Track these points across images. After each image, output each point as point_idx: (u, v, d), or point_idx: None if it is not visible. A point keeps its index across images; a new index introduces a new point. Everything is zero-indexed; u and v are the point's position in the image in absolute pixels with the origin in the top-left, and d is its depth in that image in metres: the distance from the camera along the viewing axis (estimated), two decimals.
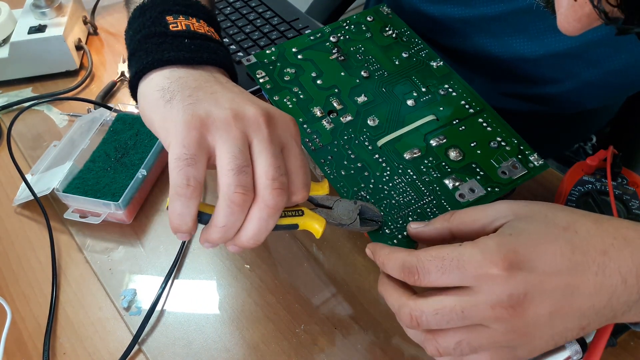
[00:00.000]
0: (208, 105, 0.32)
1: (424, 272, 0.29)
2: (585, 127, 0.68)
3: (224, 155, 0.30)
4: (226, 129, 0.30)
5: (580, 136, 0.73)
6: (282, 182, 0.30)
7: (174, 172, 0.30)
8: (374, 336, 0.38)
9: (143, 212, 0.47)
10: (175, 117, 0.31)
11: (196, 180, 0.30)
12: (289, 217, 0.34)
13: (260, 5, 0.67)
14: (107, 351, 0.39)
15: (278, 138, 0.32)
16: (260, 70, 0.46)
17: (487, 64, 0.56)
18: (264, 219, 0.30)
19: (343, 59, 0.47)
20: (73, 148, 0.49)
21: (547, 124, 0.64)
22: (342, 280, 0.42)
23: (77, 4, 0.64)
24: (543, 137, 0.65)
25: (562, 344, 0.30)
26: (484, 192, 0.38)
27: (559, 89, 0.55)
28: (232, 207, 0.30)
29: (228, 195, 0.29)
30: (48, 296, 0.42)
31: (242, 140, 0.30)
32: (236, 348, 0.38)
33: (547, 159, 0.67)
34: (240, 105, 0.32)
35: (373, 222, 0.36)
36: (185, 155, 0.30)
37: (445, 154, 0.40)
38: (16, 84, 0.61)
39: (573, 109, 0.61)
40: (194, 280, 0.43)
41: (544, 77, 0.54)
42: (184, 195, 0.30)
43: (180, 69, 0.34)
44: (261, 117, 0.31)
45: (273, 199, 0.30)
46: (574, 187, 0.42)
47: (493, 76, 0.58)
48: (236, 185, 0.29)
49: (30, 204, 0.48)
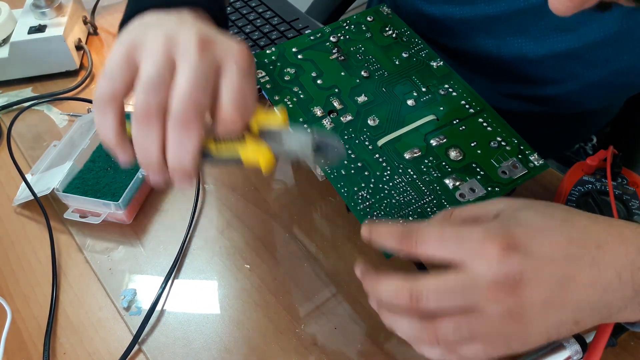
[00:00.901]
0: (148, 32, 0.32)
1: (422, 240, 0.29)
2: (585, 127, 0.68)
3: (141, 74, 0.30)
4: (151, 49, 0.31)
5: (580, 136, 0.72)
6: (196, 97, 0.29)
7: (97, 88, 0.31)
8: (374, 336, 0.38)
9: (143, 212, 0.47)
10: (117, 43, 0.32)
11: (112, 94, 0.30)
12: (227, 143, 0.31)
13: (260, 5, 0.67)
14: (107, 351, 0.39)
15: (210, 61, 0.31)
16: (260, 70, 0.46)
17: (487, 64, 0.56)
18: (176, 137, 0.30)
19: (343, 59, 0.47)
20: (73, 148, 0.49)
21: (547, 124, 0.64)
22: (342, 280, 0.42)
23: (77, 4, 0.64)
24: (543, 137, 0.65)
25: (556, 339, 0.30)
26: (485, 192, 0.38)
27: (560, 90, 0.55)
28: (138, 125, 0.30)
29: (134, 113, 0.30)
30: (48, 296, 0.42)
31: (163, 61, 0.30)
32: (236, 348, 0.38)
33: (547, 159, 0.67)
34: (177, 30, 0.32)
35: (332, 149, 0.32)
36: (107, 73, 0.31)
37: (445, 153, 0.40)
38: (16, 84, 0.61)
39: (574, 109, 0.61)
40: (194, 280, 0.43)
41: (545, 78, 0.54)
42: (98, 108, 0.31)
43: (154, 14, 0.35)
44: (194, 39, 0.31)
45: (181, 113, 0.29)
46: (574, 187, 0.42)
47: (493, 76, 0.57)
48: (142, 102, 0.29)
49: (30, 204, 0.48)
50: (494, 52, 0.54)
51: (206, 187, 0.49)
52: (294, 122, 0.43)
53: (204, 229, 0.46)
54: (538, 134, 0.59)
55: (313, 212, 0.46)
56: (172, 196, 0.48)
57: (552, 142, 0.69)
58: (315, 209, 0.46)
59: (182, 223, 0.46)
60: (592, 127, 0.70)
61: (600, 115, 0.67)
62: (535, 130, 0.57)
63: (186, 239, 0.45)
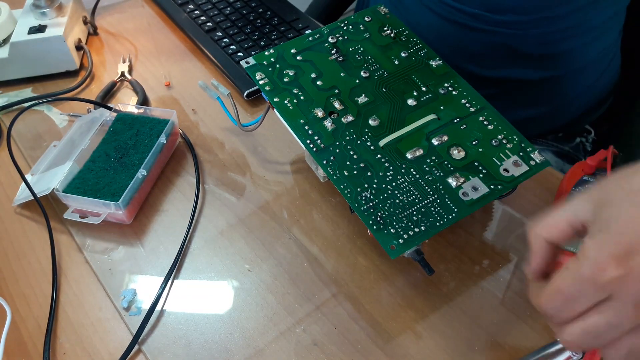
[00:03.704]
0: None
1: (557, 314, 0.28)
2: (579, 100, 0.67)
3: None
4: None
5: (576, 113, 0.71)
6: None
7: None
8: (374, 336, 0.38)
9: (143, 212, 0.47)
10: None
11: None
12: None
13: (260, 5, 0.67)
14: (107, 351, 0.39)
15: None
16: (259, 72, 0.46)
17: None
18: None
19: (342, 60, 0.47)
20: (73, 148, 0.49)
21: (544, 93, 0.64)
22: (342, 280, 0.41)
23: (77, 4, 0.64)
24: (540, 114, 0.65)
25: None
26: (487, 190, 0.38)
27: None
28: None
29: None
30: (48, 296, 0.42)
31: None
32: (236, 348, 0.38)
33: (545, 148, 0.67)
34: None
35: None
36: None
37: (447, 152, 0.40)
38: (16, 84, 0.61)
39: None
40: (194, 280, 0.42)
41: None
42: None
43: None
44: None
45: None
46: (574, 186, 0.42)
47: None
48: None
49: (30, 204, 0.48)
50: None
51: (206, 187, 0.49)
52: (294, 123, 0.43)
53: (204, 229, 0.46)
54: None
55: (313, 212, 0.46)
56: (172, 196, 0.48)
57: (552, 115, 0.68)
58: (315, 209, 0.46)
59: (182, 223, 0.46)
60: (587, 103, 0.69)
61: (595, 89, 0.66)
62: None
63: (186, 239, 0.45)
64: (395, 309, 0.40)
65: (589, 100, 0.68)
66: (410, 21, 0.52)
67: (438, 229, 0.37)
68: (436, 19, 0.61)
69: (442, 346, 0.38)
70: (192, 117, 0.56)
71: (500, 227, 0.45)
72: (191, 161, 0.51)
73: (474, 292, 0.40)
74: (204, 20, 0.65)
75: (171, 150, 0.51)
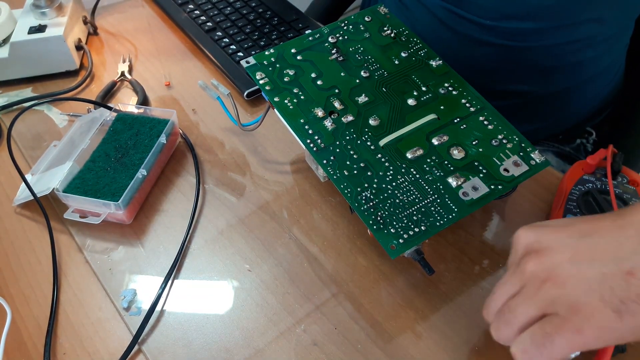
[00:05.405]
0: None
1: (496, 328, 0.32)
2: (580, 101, 0.67)
3: None
4: None
5: (577, 113, 0.71)
6: None
7: None
8: (374, 336, 0.38)
9: (143, 212, 0.47)
10: None
11: None
12: None
13: (260, 5, 0.67)
14: (107, 351, 0.39)
15: None
16: (259, 72, 0.46)
17: None
18: None
19: (342, 60, 0.47)
20: (73, 148, 0.49)
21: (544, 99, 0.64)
22: (342, 280, 0.41)
23: (77, 4, 0.64)
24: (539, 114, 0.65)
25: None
26: (488, 190, 0.38)
27: None
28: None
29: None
30: (48, 296, 0.42)
31: None
32: (236, 348, 0.38)
33: (546, 149, 0.67)
34: None
35: None
36: None
37: (447, 152, 0.40)
38: (16, 84, 0.61)
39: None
40: (194, 280, 0.42)
41: None
42: None
43: None
44: None
45: None
46: (574, 186, 0.42)
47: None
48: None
49: (30, 204, 0.48)
50: None
51: (206, 187, 0.49)
52: (295, 123, 0.43)
53: (204, 229, 0.46)
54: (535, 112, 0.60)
55: (313, 212, 0.46)
56: (172, 196, 0.48)
57: (550, 117, 0.68)
58: (315, 209, 0.46)
59: (182, 223, 0.46)
60: (588, 104, 0.69)
61: (595, 90, 0.66)
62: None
63: (186, 239, 0.45)
64: (395, 309, 0.40)
65: (593, 107, 0.67)
66: (420, 32, 0.52)
67: (438, 228, 0.37)
68: (445, 32, 0.60)
69: (442, 346, 0.38)
70: (192, 117, 0.56)
71: (500, 227, 0.45)
72: (191, 161, 0.51)
73: (474, 292, 0.40)
74: (204, 20, 0.65)
75: (171, 150, 0.51)
